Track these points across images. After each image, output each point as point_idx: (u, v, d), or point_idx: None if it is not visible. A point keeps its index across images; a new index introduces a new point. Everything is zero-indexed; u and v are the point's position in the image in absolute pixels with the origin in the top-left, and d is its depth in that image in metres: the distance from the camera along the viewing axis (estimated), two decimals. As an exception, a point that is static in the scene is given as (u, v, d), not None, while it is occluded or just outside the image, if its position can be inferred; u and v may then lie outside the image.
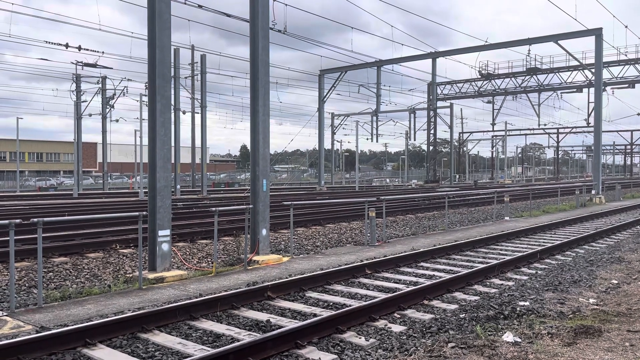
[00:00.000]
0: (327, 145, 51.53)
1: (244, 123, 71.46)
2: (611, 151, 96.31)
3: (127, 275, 9.51)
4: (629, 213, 22.31)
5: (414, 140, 55.57)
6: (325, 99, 45.28)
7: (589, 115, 40.35)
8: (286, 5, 23.55)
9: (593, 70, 32.90)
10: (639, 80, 40.73)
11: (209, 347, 5.59)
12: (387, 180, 71.97)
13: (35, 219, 7.20)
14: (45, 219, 7.50)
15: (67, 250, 11.50)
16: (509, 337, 5.30)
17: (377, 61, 43.10)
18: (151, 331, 6.05)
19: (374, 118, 50.82)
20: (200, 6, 22.36)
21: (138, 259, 9.31)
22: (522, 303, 6.78)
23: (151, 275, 8.80)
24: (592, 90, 35.99)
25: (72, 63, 37.09)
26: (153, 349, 5.53)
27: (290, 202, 12.13)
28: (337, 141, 60.18)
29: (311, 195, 32.36)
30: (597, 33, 30.78)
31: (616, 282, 8.09)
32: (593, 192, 30.07)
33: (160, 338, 5.87)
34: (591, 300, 6.93)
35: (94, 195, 35.24)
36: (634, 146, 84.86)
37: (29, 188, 50.61)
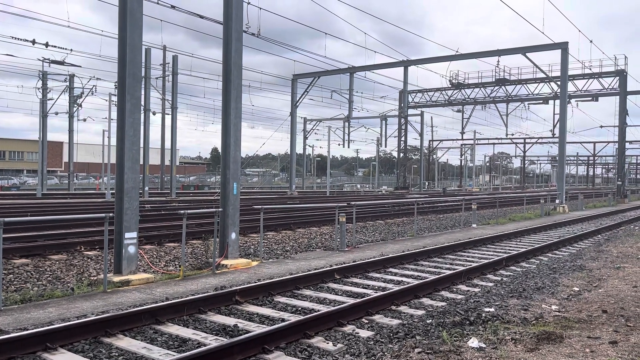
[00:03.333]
0: (299, 149, 51.56)
1: (216, 125, 70.91)
2: (575, 162, 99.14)
3: (92, 278, 9.29)
4: (591, 222, 22.97)
5: (385, 146, 55.83)
6: (297, 104, 45.30)
7: (554, 126, 41.46)
8: (260, 8, 23.50)
9: (559, 82, 33.83)
10: (602, 94, 42.08)
11: (174, 351, 5.50)
12: (358, 185, 72.33)
13: (-4, 219, 6.98)
14: (6, 219, 7.28)
15: (29, 251, 11.16)
16: (474, 342, 5.38)
17: (350, 67, 43.34)
18: (115, 335, 5.93)
19: (346, 124, 51.06)
20: (173, 6, 22.11)
21: (103, 261, 9.10)
22: (487, 309, 6.90)
23: (116, 278, 8.62)
24: (557, 102, 36.99)
25: (39, 60, 36.15)
26: (116, 354, 5.42)
27: (260, 206, 12.07)
28: (309, 146, 60.15)
29: (282, 200, 32.27)
30: (563, 47, 31.68)
31: (577, 289, 8.31)
32: (557, 201, 30.85)
33: (124, 342, 5.75)
34: (553, 307, 7.10)
35: (59, 196, 34.32)
36: (596, 157, 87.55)
37: (-10, 187, 48.98)
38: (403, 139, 50.40)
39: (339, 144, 52.80)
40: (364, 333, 6.19)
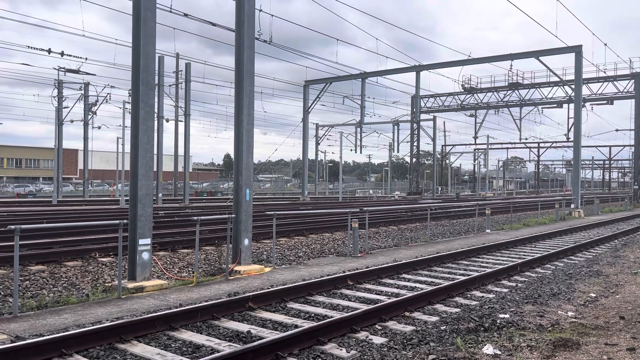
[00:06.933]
0: (311, 155, 51.61)
1: (228, 132, 71.25)
2: (590, 166, 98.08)
3: (106, 284, 9.36)
4: (607, 227, 22.67)
5: (398, 152, 55.79)
6: (310, 110, 45.40)
7: (568, 130, 41.07)
8: (272, 16, 23.71)
9: (573, 86, 33.54)
10: (617, 97, 41.67)
11: (188, 357, 5.52)
12: (371, 191, 72.20)
13: (13, 226, 7.07)
14: (23, 226, 7.37)
15: (45, 258, 11.29)
16: (488, 349, 5.33)
17: (361, 73, 43.40)
18: (129, 342, 5.96)
19: (358, 129, 51.08)
20: (185, 15, 22.32)
21: (118, 267, 9.18)
22: (502, 315, 6.83)
23: (131, 285, 8.67)
24: (572, 105, 36.69)
25: (55, 69, 36.71)
26: (131, 360, 5.44)
27: (273, 212, 12.09)
28: (321, 152, 60.31)
29: (294, 206, 32.30)
30: (577, 50, 31.43)
31: (594, 295, 8.20)
32: (572, 206, 30.52)
33: (139, 349, 5.78)
34: (570, 314, 7.01)
35: (74, 203, 34.72)
36: (612, 161, 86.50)
37: (7, 194, 49.68)
38: (415, 144, 50.24)
39: (351, 150, 52.98)
40: (378, 339, 6.16)
